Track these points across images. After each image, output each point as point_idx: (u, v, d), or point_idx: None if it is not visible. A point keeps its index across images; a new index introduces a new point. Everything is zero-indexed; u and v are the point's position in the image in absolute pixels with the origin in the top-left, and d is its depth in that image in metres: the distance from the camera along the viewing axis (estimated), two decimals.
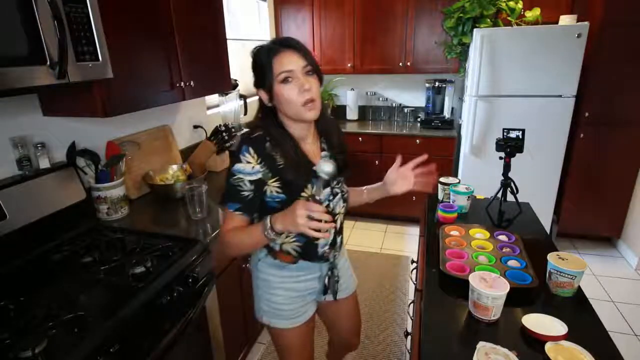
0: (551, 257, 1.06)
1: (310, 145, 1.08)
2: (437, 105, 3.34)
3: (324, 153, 1.10)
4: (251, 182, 0.98)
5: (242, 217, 1.01)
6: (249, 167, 0.97)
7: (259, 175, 0.98)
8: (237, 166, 0.98)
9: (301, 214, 0.88)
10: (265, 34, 3.31)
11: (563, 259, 1.05)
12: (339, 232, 1.17)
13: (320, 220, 0.88)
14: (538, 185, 2.68)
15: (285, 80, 0.95)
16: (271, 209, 1.02)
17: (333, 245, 1.15)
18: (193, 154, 2.06)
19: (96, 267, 1.19)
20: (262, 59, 0.96)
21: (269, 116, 1.05)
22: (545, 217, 2.73)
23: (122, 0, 1.33)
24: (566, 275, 1.02)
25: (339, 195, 1.12)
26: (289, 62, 0.95)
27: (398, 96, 3.63)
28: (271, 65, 0.95)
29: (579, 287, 1.06)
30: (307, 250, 1.10)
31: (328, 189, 1.07)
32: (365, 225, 3.43)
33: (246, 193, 0.98)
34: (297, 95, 0.95)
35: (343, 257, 1.29)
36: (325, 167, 0.92)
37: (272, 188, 1.01)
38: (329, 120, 1.16)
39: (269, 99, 1.01)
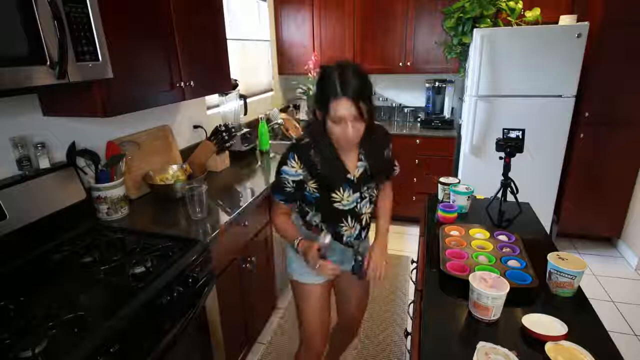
0: (551, 257, 1.06)
1: (348, 154, 1.23)
2: (437, 105, 3.34)
3: (360, 163, 1.25)
4: (293, 181, 1.21)
5: (284, 205, 1.29)
6: (293, 171, 1.19)
7: (300, 177, 1.20)
8: (284, 168, 1.20)
9: (312, 264, 1.20)
10: (265, 34, 3.31)
11: (563, 259, 1.05)
12: (364, 227, 1.35)
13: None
14: (538, 185, 2.68)
15: (335, 121, 1.10)
16: (309, 201, 1.28)
17: (358, 237, 1.34)
18: (193, 154, 2.06)
19: (96, 267, 1.19)
20: (325, 91, 1.08)
21: (317, 128, 1.18)
22: (545, 217, 2.73)
23: (122, 0, 1.33)
24: (566, 275, 1.02)
25: (367, 198, 1.29)
26: (343, 110, 1.07)
27: (398, 96, 3.63)
28: (328, 105, 1.08)
29: (579, 287, 1.06)
30: (333, 235, 1.28)
31: (357, 194, 1.25)
32: None
33: (289, 189, 1.22)
34: (340, 134, 1.12)
35: (367, 241, 1.47)
36: (323, 239, 1.18)
37: (311, 187, 1.23)
38: (371, 138, 1.24)
39: (321, 118, 1.14)
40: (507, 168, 1.48)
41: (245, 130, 2.52)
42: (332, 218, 1.28)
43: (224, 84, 2.08)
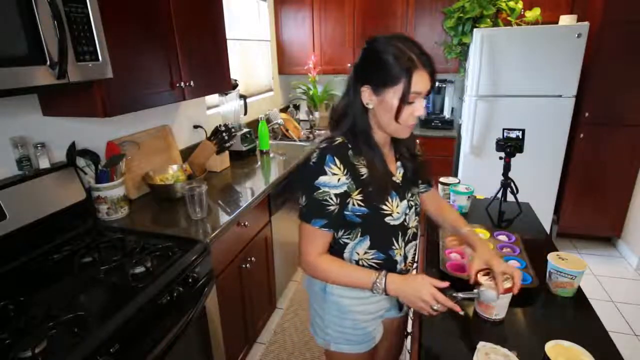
0: (551, 257, 1.07)
1: (387, 152, 1.02)
2: (437, 105, 3.34)
3: (398, 163, 1.04)
4: (337, 195, 0.91)
5: (326, 233, 0.95)
6: (335, 180, 0.90)
7: (344, 188, 0.91)
8: (322, 179, 0.90)
9: (427, 301, 0.88)
10: (265, 34, 3.31)
11: (563, 259, 1.05)
12: (411, 245, 1.08)
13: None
14: (538, 185, 2.68)
15: (407, 101, 0.88)
16: (350, 224, 0.97)
17: (405, 259, 1.06)
18: (193, 154, 2.06)
19: (96, 267, 1.19)
20: (401, 63, 0.85)
21: (362, 119, 0.94)
22: (545, 217, 2.73)
23: (122, 0, 1.33)
24: (566, 275, 1.02)
25: (414, 208, 1.05)
26: (424, 85, 0.88)
27: None
28: (410, 79, 0.85)
29: (579, 287, 1.06)
30: (386, 266, 1.00)
31: (405, 202, 1.01)
32: None
33: (332, 207, 0.91)
34: (408, 116, 0.90)
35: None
36: (489, 294, 0.93)
37: (355, 200, 0.93)
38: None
39: (373, 102, 0.92)
40: (507, 168, 1.48)
41: (245, 130, 2.52)
42: (382, 240, 0.99)
43: (224, 84, 2.08)
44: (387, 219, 0.97)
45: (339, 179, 0.90)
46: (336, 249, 1.01)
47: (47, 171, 1.36)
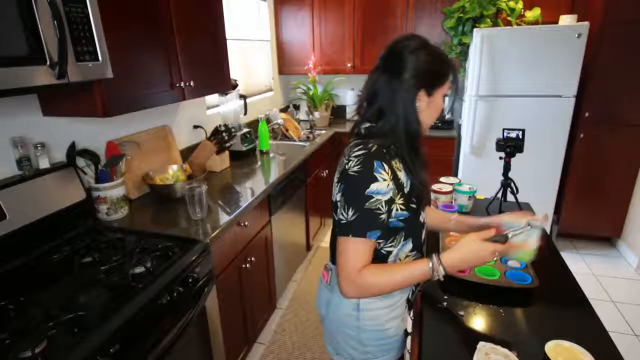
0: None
1: None
2: None
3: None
4: (386, 202, 0.87)
5: (374, 245, 0.90)
6: (384, 186, 0.86)
7: (391, 194, 0.87)
8: (374, 187, 0.85)
9: (489, 259, 0.89)
10: (265, 34, 3.31)
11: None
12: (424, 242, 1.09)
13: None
14: (538, 185, 2.68)
15: (444, 94, 0.95)
16: (393, 231, 0.94)
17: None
18: (193, 154, 2.06)
19: (96, 267, 1.19)
20: (448, 61, 0.93)
21: (416, 123, 0.93)
22: None
23: (122, 0, 1.33)
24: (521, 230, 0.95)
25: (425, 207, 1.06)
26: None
27: None
28: (456, 74, 0.95)
29: (579, 287, 1.06)
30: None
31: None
32: None
33: (383, 216, 0.87)
34: (437, 111, 0.96)
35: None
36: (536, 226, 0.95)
37: (398, 205, 0.91)
38: None
39: (422, 104, 0.93)
40: (507, 168, 1.48)
41: (245, 130, 2.52)
42: (419, 239, 1.00)
43: (224, 84, 2.08)
44: (420, 218, 0.99)
45: (387, 185, 0.86)
46: (378, 261, 0.95)
47: (47, 171, 1.36)
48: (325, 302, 1.06)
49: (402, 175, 0.91)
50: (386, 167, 0.86)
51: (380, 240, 0.94)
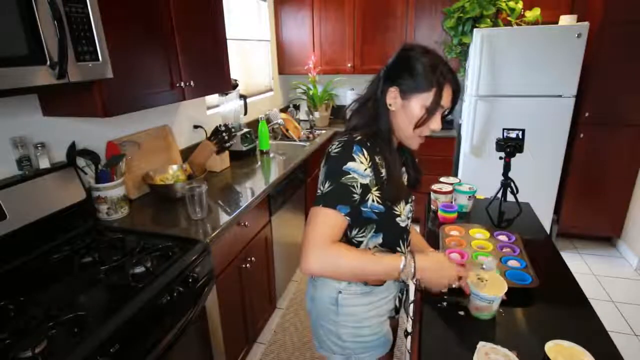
0: (472, 278, 0.98)
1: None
2: None
3: (403, 169, 1.05)
4: (361, 185, 0.88)
5: (345, 222, 0.89)
6: (362, 169, 0.88)
7: (368, 180, 0.89)
8: (351, 164, 0.87)
9: (451, 281, 0.94)
10: (265, 34, 3.31)
11: (483, 281, 0.96)
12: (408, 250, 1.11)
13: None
14: (538, 185, 2.68)
15: (432, 112, 0.90)
16: (365, 221, 0.96)
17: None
18: (193, 154, 2.06)
19: (96, 267, 1.19)
20: (436, 73, 0.89)
21: (386, 119, 0.95)
22: (545, 217, 2.73)
23: (122, 0, 1.33)
24: (483, 300, 0.94)
25: (411, 214, 1.06)
26: (448, 100, 0.92)
27: None
28: (441, 90, 0.89)
29: (579, 286, 1.06)
30: None
31: (408, 206, 1.02)
32: None
33: (356, 197, 0.88)
34: (425, 127, 0.93)
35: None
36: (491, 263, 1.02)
37: (374, 197, 0.93)
38: None
39: (396, 104, 0.93)
40: (507, 168, 1.48)
41: (245, 130, 2.52)
42: (393, 240, 1.01)
43: (224, 84, 2.08)
44: (397, 220, 0.99)
45: (365, 169, 0.88)
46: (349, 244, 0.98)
47: (47, 171, 1.36)
48: (310, 297, 1.10)
49: (384, 172, 0.93)
50: (365, 153, 0.89)
51: (354, 230, 0.97)
